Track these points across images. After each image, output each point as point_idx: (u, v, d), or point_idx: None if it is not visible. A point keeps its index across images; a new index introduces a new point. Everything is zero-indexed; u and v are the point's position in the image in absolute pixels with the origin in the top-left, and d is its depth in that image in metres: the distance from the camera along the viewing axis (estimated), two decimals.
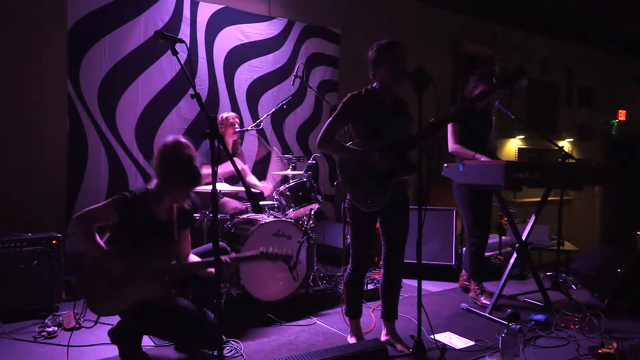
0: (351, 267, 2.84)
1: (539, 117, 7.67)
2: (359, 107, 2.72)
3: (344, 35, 5.63)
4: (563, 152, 3.84)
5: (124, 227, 2.40)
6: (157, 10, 4.39)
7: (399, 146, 2.69)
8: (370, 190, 2.66)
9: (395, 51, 2.67)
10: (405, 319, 3.29)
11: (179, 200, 2.51)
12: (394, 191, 2.70)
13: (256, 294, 3.36)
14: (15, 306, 3.15)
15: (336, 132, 2.73)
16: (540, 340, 2.97)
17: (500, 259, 4.72)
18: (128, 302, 2.37)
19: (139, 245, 2.40)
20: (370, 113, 2.72)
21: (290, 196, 3.67)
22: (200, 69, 4.66)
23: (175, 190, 2.45)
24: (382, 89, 2.76)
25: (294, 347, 2.83)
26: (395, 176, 2.67)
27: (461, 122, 3.73)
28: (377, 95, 2.76)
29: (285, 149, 5.16)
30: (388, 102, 2.79)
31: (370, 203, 2.66)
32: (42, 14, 3.90)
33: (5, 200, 3.71)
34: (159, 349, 2.73)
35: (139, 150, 4.30)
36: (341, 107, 2.73)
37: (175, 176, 2.40)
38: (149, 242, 2.43)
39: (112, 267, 2.34)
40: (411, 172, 2.71)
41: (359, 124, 2.77)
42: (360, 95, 2.75)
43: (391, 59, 2.66)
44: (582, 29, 7.28)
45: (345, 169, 2.71)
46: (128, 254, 2.36)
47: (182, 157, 2.39)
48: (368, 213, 2.71)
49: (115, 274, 2.34)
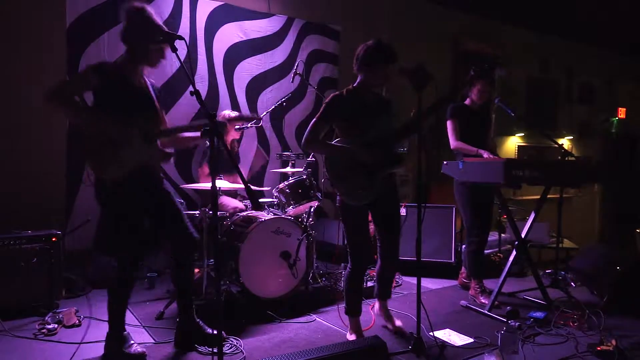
0: (350, 265, 2.85)
1: (539, 114, 7.68)
2: (342, 107, 2.75)
3: (344, 33, 5.62)
4: (563, 149, 3.84)
5: (106, 95, 2.42)
6: (157, 7, 4.37)
7: (383, 141, 2.72)
8: (358, 185, 2.69)
9: (383, 55, 2.70)
10: (404, 316, 3.30)
11: (154, 59, 2.52)
12: (383, 184, 2.74)
13: (256, 291, 3.36)
14: (15, 303, 3.15)
15: (321, 132, 2.74)
16: (539, 337, 2.98)
17: (499, 256, 4.73)
18: (129, 164, 2.42)
19: (126, 112, 2.43)
20: (353, 112, 2.74)
21: (289, 193, 3.67)
22: (199, 66, 4.66)
23: (148, 50, 2.47)
24: (363, 87, 2.81)
25: (293, 344, 2.84)
26: (381, 170, 2.71)
27: (461, 119, 3.74)
28: (358, 94, 2.80)
29: (284, 146, 5.16)
30: (370, 100, 2.82)
31: (359, 198, 2.71)
32: (41, 10, 3.89)
33: (5, 198, 3.71)
34: (158, 346, 2.74)
35: None
36: (324, 108, 2.76)
37: (147, 35, 2.42)
38: (135, 108, 2.47)
39: (108, 131, 2.37)
40: (397, 165, 2.76)
41: (343, 123, 2.79)
42: (341, 96, 2.79)
43: (378, 62, 2.70)
44: (582, 27, 7.27)
45: (332, 167, 2.74)
46: (119, 119, 2.40)
47: (149, 15, 2.43)
48: (361, 209, 2.75)
49: (112, 137, 2.37)
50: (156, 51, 2.50)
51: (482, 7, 6.44)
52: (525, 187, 3.42)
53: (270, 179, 5.00)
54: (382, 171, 2.72)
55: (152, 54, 2.50)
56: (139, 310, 3.33)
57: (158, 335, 2.89)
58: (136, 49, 2.48)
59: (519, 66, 7.24)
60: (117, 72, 2.47)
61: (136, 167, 2.45)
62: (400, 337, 2.94)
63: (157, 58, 2.53)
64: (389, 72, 2.72)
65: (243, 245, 3.30)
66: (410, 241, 2.79)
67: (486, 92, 3.77)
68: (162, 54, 2.53)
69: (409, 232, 2.86)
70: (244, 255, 3.31)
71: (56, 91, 2.33)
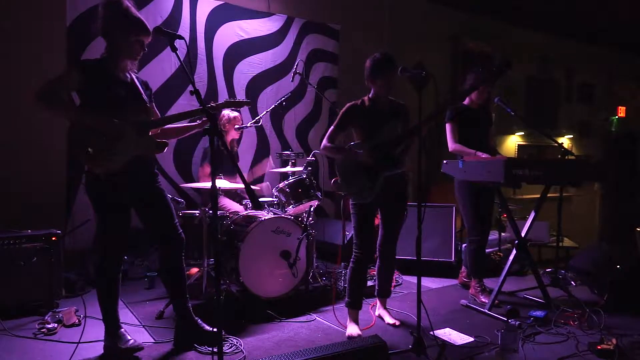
0: (354, 259, 2.99)
1: (539, 113, 7.68)
2: (356, 116, 2.99)
3: (344, 32, 5.62)
4: (562, 148, 3.83)
5: (91, 92, 2.41)
6: (157, 7, 4.38)
7: (385, 144, 2.91)
8: (361, 185, 2.91)
9: (387, 68, 2.88)
10: (404, 315, 3.29)
11: (135, 52, 2.50)
12: (389, 185, 2.93)
13: (256, 291, 3.36)
14: (15, 303, 3.15)
15: (336, 138, 3.00)
16: (540, 336, 2.98)
17: (499, 255, 4.72)
18: (123, 157, 2.42)
19: (114, 106, 2.42)
20: (367, 120, 2.97)
21: (289, 193, 3.67)
22: (199, 66, 4.66)
23: (128, 42, 2.45)
24: (377, 97, 3.01)
25: (293, 343, 2.84)
26: (381, 171, 2.87)
27: (460, 121, 3.74)
28: (373, 103, 3.01)
29: (284, 145, 5.16)
30: (385, 108, 3.01)
31: (361, 196, 2.91)
32: (41, 10, 3.89)
33: (5, 197, 3.71)
34: (158, 345, 2.74)
35: None
36: (340, 117, 3.00)
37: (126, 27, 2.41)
38: (123, 102, 2.47)
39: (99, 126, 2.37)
40: (395, 168, 2.93)
41: (357, 129, 3.03)
42: (356, 106, 3.02)
43: (383, 75, 2.89)
44: (582, 26, 7.27)
45: (340, 168, 2.98)
46: (109, 113, 2.39)
47: (127, 7, 2.42)
48: (368, 207, 2.95)
49: (104, 131, 2.37)
50: (136, 43, 2.47)
51: (482, 7, 6.44)
52: (525, 186, 3.41)
53: (269, 178, 5.00)
54: (380, 173, 2.88)
55: (133, 46, 2.47)
56: (139, 310, 3.33)
57: (158, 334, 2.89)
58: (116, 43, 2.45)
59: (519, 65, 7.24)
60: (100, 67, 2.45)
61: (130, 160, 2.45)
62: (400, 336, 2.94)
63: (138, 50, 2.51)
64: (391, 82, 2.92)
65: (243, 244, 3.30)
66: (410, 240, 2.80)
67: (485, 92, 3.77)
68: (142, 45, 2.51)
69: (410, 231, 2.86)
70: (244, 254, 3.30)
71: (43, 91, 2.31)
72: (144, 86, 2.66)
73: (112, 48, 2.47)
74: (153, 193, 2.63)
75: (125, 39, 2.44)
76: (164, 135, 2.74)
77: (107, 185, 2.45)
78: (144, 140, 2.52)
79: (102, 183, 2.44)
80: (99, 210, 2.54)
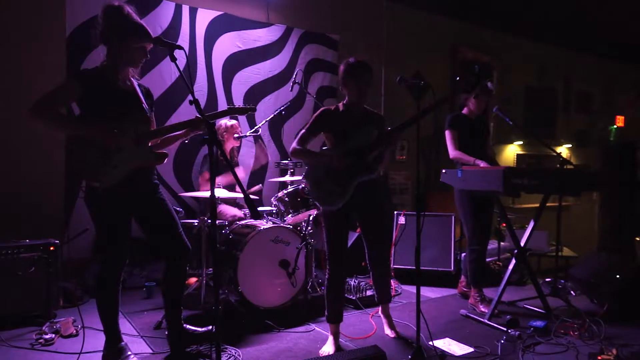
0: (329, 270, 2.91)
1: (537, 123, 7.71)
2: (327, 121, 2.92)
3: (343, 42, 5.65)
4: (561, 158, 3.84)
5: (91, 102, 2.38)
6: (156, 17, 4.41)
7: (357, 150, 2.84)
8: (331, 191, 2.83)
9: (358, 73, 2.84)
10: (404, 325, 3.28)
11: (137, 59, 2.47)
12: (362, 191, 2.85)
13: (254, 301, 3.35)
14: (12, 313, 3.13)
15: (307, 141, 2.91)
16: (540, 346, 2.96)
17: (499, 264, 4.72)
18: (122, 170, 2.39)
19: (114, 116, 2.38)
20: (340, 125, 2.90)
21: (288, 202, 3.67)
22: (199, 75, 4.68)
23: (129, 49, 2.42)
24: (351, 103, 2.93)
25: (292, 354, 2.82)
26: (353, 177, 2.81)
27: (459, 129, 3.76)
28: (347, 109, 2.94)
29: (283, 155, 5.17)
30: (359, 114, 2.94)
31: (329, 202, 2.83)
32: (41, 20, 3.91)
33: (4, 206, 3.70)
34: (156, 356, 2.72)
35: None
36: (313, 120, 2.93)
37: (128, 34, 2.38)
38: (122, 111, 2.42)
39: (97, 137, 2.32)
40: (368, 173, 2.85)
41: (329, 134, 2.96)
42: (330, 110, 2.95)
43: (355, 80, 2.84)
44: (580, 35, 7.32)
45: (310, 173, 2.91)
46: (108, 124, 2.35)
47: (128, 13, 2.39)
48: (338, 214, 2.86)
49: (103, 143, 2.34)
50: (138, 49, 2.43)
51: (481, 17, 6.49)
52: (524, 196, 3.42)
53: (269, 188, 5.00)
54: (353, 178, 2.82)
55: (135, 52, 2.43)
56: (137, 320, 3.31)
57: (156, 345, 2.87)
58: (117, 49, 2.41)
59: (518, 75, 7.28)
60: (100, 76, 2.42)
61: (130, 172, 2.42)
62: (400, 346, 2.93)
63: (140, 57, 2.47)
64: (363, 88, 2.86)
65: (242, 254, 3.29)
66: (409, 250, 2.79)
67: (483, 102, 3.79)
68: (144, 52, 2.47)
69: (408, 240, 2.86)
70: (243, 264, 3.30)
71: (40, 105, 2.26)
72: (146, 94, 2.62)
73: (113, 55, 2.43)
74: (154, 204, 2.60)
75: (126, 45, 2.40)
76: (163, 145, 2.72)
77: (107, 197, 2.40)
78: (144, 152, 2.49)
79: (101, 196, 2.39)
80: (99, 222, 2.50)
